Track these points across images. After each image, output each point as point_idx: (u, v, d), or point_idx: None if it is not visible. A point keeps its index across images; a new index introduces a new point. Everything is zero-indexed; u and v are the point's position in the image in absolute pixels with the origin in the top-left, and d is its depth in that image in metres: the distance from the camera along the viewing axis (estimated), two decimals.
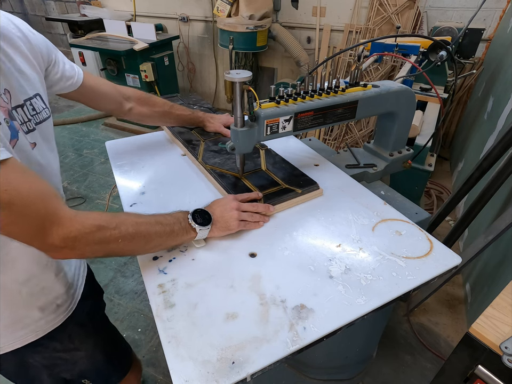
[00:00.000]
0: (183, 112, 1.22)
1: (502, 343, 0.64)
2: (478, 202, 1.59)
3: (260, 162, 1.12)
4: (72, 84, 0.90)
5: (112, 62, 3.55)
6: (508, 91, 2.10)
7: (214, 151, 1.17)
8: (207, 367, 0.57)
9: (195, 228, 0.77)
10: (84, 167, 3.33)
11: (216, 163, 1.10)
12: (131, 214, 0.74)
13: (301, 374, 1.19)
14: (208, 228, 0.79)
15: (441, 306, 1.98)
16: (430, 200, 2.75)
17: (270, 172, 1.07)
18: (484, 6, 1.92)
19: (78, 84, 0.92)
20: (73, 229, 0.62)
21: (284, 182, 1.01)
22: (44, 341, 0.83)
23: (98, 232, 0.64)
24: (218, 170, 1.06)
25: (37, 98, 0.76)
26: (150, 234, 0.71)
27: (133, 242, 0.69)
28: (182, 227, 0.76)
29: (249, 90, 0.83)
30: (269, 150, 1.19)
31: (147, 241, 0.71)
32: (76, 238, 0.62)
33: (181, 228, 0.76)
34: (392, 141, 1.18)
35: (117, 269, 2.24)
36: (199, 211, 0.80)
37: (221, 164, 1.09)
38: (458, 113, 3.43)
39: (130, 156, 1.20)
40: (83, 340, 0.93)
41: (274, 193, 0.96)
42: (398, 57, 1.95)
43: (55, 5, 4.92)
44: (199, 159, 1.11)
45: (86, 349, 0.94)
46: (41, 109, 0.77)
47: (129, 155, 1.20)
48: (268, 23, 3.27)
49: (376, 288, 0.72)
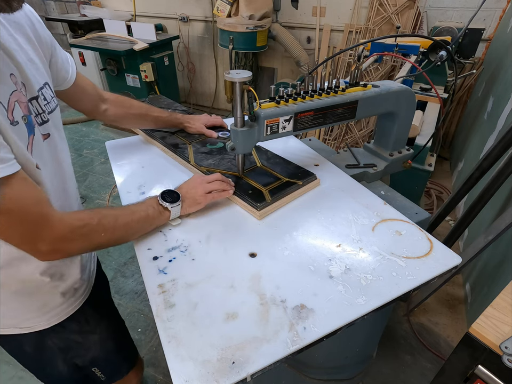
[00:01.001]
0: (160, 114, 1.19)
1: (502, 343, 0.64)
2: (478, 202, 1.59)
3: (253, 159, 1.12)
4: (67, 80, 0.90)
5: (112, 62, 3.55)
6: (508, 91, 2.10)
7: (204, 152, 1.15)
8: (207, 367, 0.57)
9: (167, 206, 0.83)
10: (83, 167, 3.33)
11: (211, 164, 1.09)
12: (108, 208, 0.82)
13: (301, 374, 1.19)
14: (179, 204, 0.85)
15: (441, 306, 1.98)
16: (430, 200, 2.75)
17: (267, 168, 1.07)
18: (484, 6, 1.92)
19: (72, 82, 0.91)
20: (61, 230, 0.66)
21: (284, 176, 1.03)
22: (64, 322, 0.89)
23: (82, 229, 0.69)
24: (216, 171, 1.05)
25: (46, 87, 0.76)
26: (128, 223, 0.77)
27: (115, 233, 0.74)
28: (156, 210, 0.82)
29: (249, 90, 0.83)
30: (258, 146, 1.18)
31: (127, 229, 0.77)
32: (63, 238, 0.67)
33: (154, 211, 0.82)
34: (392, 141, 1.18)
35: (117, 269, 2.24)
36: (167, 192, 0.86)
37: (216, 165, 1.09)
38: (458, 113, 3.43)
39: (130, 156, 1.20)
40: (97, 323, 0.98)
41: (278, 187, 0.98)
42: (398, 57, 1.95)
43: (55, 5, 4.91)
44: (192, 162, 1.10)
45: (100, 332, 0.99)
46: (51, 98, 0.77)
47: (129, 155, 1.20)
48: (267, 23, 3.27)
49: (376, 288, 0.72)
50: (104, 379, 1.06)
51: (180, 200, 0.85)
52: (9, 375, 1.65)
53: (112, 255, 2.35)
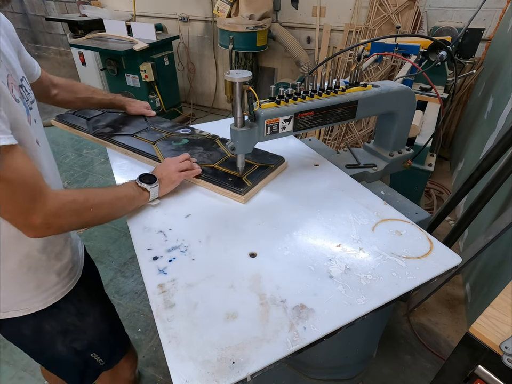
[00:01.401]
0: (104, 97, 1.26)
1: (502, 343, 0.64)
2: (478, 202, 1.59)
3: (222, 150, 1.18)
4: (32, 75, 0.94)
5: (112, 62, 3.55)
6: (508, 91, 2.10)
7: (173, 150, 1.17)
8: (207, 367, 0.57)
9: (146, 187, 0.90)
10: (83, 167, 3.33)
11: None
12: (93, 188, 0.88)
13: (301, 374, 1.19)
14: (157, 185, 0.93)
15: (441, 306, 1.98)
16: (430, 200, 2.75)
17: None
18: (484, 6, 1.92)
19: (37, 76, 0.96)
20: (53, 204, 0.69)
21: (256, 162, 1.10)
22: (60, 303, 0.92)
23: (73, 205, 0.73)
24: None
25: (25, 79, 0.80)
26: (112, 200, 0.84)
27: (101, 209, 0.80)
28: (136, 191, 0.89)
29: (249, 90, 0.83)
30: (222, 138, 1.25)
31: (112, 206, 0.83)
32: (56, 212, 0.70)
33: (135, 191, 0.89)
34: (392, 141, 1.18)
35: (117, 269, 2.24)
36: (143, 175, 0.93)
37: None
38: (458, 113, 3.43)
39: (130, 155, 1.20)
40: (91, 306, 1.02)
41: (254, 172, 1.05)
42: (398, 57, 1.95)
43: (55, 5, 4.91)
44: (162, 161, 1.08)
45: (94, 314, 1.02)
46: (30, 89, 0.81)
47: (129, 155, 1.20)
48: (267, 23, 3.27)
49: (376, 288, 0.72)
50: (103, 364, 1.10)
51: (157, 181, 0.93)
52: (9, 375, 1.65)
53: (112, 255, 2.35)
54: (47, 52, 5.48)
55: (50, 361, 1.04)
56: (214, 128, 1.33)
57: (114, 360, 1.16)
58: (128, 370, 1.26)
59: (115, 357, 1.16)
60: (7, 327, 0.90)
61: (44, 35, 5.32)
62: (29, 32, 5.42)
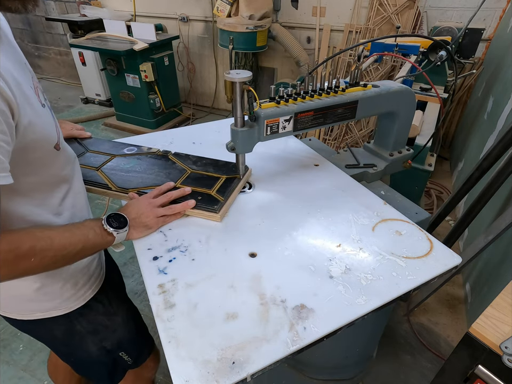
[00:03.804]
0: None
1: (502, 343, 0.64)
2: (478, 202, 1.59)
3: (180, 166, 1.06)
4: None
5: (112, 62, 3.55)
6: (508, 91, 2.10)
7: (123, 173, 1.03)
8: (207, 367, 0.57)
9: (112, 232, 0.76)
10: None
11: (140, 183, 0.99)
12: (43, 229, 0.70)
13: (301, 374, 1.19)
14: (126, 230, 0.79)
15: (441, 306, 1.98)
16: (430, 200, 2.75)
17: (199, 171, 1.05)
18: (484, 6, 1.93)
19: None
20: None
21: (221, 174, 1.03)
22: (90, 302, 0.92)
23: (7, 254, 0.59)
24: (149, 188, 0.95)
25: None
26: (65, 246, 0.68)
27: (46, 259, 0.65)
28: (97, 234, 0.75)
29: (249, 90, 0.83)
30: (176, 153, 1.14)
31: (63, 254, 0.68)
32: None
33: (96, 235, 0.75)
34: (392, 141, 1.18)
35: None
36: (113, 215, 0.79)
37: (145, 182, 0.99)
38: (458, 113, 3.43)
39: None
40: (119, 305, 1.01)
41: (222, 186, 0.98)
42: (398, 57, 1.95)
43: (55, 5, 4.91)
44: (114, 188, 0.97)
45: (122, 313, 1.02)
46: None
47: None
48: (267, 23, 3.27)
49: (376, 288, 0.72)
50: (131, 362, 1.10)
51: (128, 225, 0.80)
52: (9, 375, 1.65)
53: (112, 255, 2.35)
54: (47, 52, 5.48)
55: (80, 362, 1.04)
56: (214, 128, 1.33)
57: (142, 359, 1.15)
58: (152, 370, 1.25)
59: (142, 356, 1.16)
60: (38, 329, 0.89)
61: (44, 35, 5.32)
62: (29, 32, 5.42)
